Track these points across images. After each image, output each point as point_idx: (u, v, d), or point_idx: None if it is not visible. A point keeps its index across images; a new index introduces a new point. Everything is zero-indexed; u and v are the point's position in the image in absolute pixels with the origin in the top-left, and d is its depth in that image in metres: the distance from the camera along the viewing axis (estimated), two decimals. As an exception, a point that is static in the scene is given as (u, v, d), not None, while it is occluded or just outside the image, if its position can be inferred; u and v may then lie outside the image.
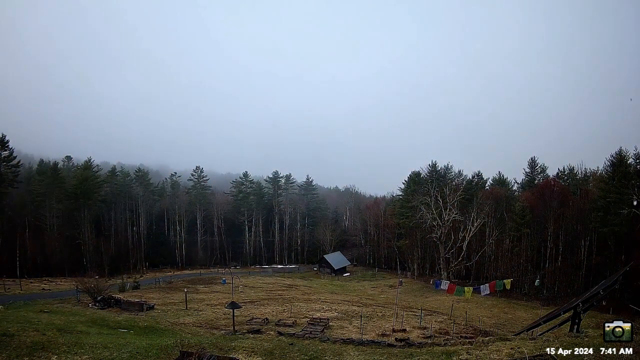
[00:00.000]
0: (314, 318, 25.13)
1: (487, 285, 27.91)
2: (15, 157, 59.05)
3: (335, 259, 71.01)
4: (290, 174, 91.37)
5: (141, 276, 53.50)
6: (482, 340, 13.28)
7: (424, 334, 22.49)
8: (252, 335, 16.50)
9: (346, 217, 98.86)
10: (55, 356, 12.19)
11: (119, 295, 31.77)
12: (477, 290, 28.01)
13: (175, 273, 60.27)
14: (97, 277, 31.63)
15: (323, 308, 31.18)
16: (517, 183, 72.69)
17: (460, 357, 11.43)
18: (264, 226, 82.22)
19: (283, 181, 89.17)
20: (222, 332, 19.58)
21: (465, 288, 27.76)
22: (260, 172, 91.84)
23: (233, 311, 20.56)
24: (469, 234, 58.27)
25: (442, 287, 28.49)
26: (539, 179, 66.57)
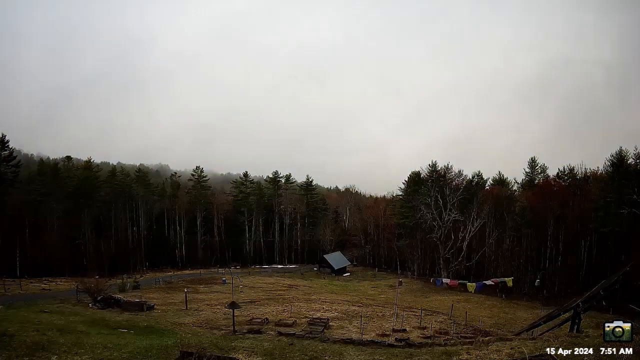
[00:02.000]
0: (314, 318, 25.13)
1: (489, 280, 27.94)
2: (15, 157, 59.05)
3: (335, 259, 70.98)
4: (290, 174, 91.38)
5: (141, 276, 53.45)
6: (482, 340, 13.27)
7: (424, 334, 22.50)
8: (252, 335, 16.50)
9: (346, 217, 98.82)
10: (55, 356, 12.19)
11: (119, 295, 31.76)
12: (479, 286, 27.98)
13: (175, 273, 60.24)
14: (97, 277, 31.70)
15: (323, 308, 31.18)
16: (517, 183, 72.72)
17: (460, 357, 11.42)
18: (264, 226, 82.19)
19: (283, 181, 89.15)
20: (222, 332, 19.58)
21: (469, 283, 27.79)
22: (260, 172, 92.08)
23: (233, 311, 20.55)
24: (469, 234, 58.31)
25: (443, 282, 28.45)
26: (539, 179, 66.57)
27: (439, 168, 72.29)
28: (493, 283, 27.46)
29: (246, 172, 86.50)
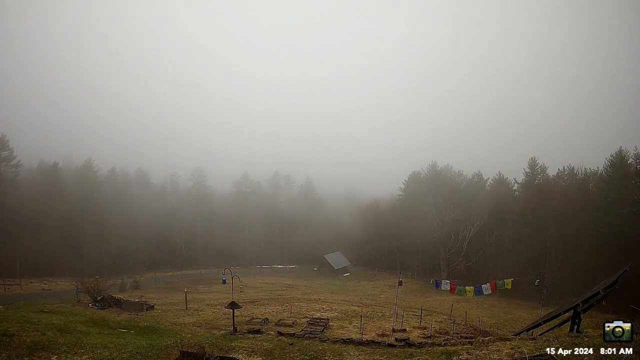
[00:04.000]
0: (314, 318, 25.16)
1: (488, 285, 27.74)
2: (15, 157, 59.14)
3: (335, 259, 71.03)
4: (290, 174, 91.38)
5: (141, 276, 53.53)
6: (482, 340, 13.27)
7: (423, 334, 22.53)
8: (252, 335, 16.49)
9: (346, 217, 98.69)
10: (55, 356, 12.22)
11: (119, 295, 31.85)
12: (478, 290, 27.83)
13: (175, 273, 60.32)
14: (97, 277, 31.66)
15: (323, 308, 31.22)
16: (517, 183, 72.65)
17: (460, 357, 11.43)
18: (264, 226, 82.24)
19: (283, 181, 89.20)
20: (222, 332, 19.59)
21: (467, 288, 27.63)
22: (260, 172, 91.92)
23: (233, 311, 20.55)
24: (469, 234, 58.33)
25: (442, 287, 28.33)
26: (539, 179, 66.51)
27: (439, 168, 72.40)
28: (491, 291, 27.21)
29: (246, 172, 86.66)
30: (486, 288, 27.69)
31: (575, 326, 14.23)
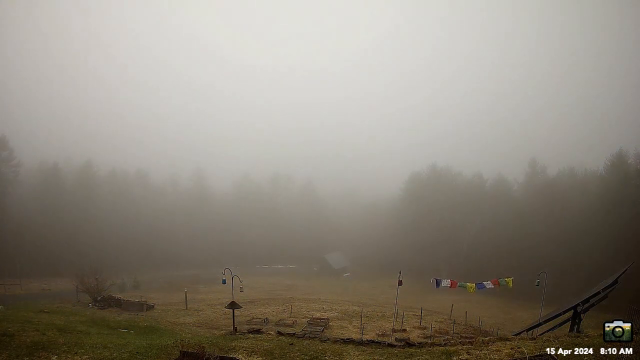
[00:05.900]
0: (314, 318, 25.18)
1: (489, 281, 27.69)
2: (15, 157, 59.14)
3: (335, 259, 71.01)
4: (290, 174, 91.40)
5: (141, 276, 53.52)
6: (482, 340, 13.27)
7: (424, 334, 22.55)
8: (252, 335, 16.47)
9: (346, 217, 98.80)
10: (55, 356, 12.21)
11: (119, 295, 31.90)
12: (480, 287, 27.74)
13: (176, 273, 60.34)
14: (97, 277, 31.68)
15: (323, 308, 31.24)
16: (518, 183, 72.61)
17: (460, 357, 11.42)
18: (264, 226, 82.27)
19: (283, 181, 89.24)
20: (222, 332, 19.62)
21: (468, 284, 27.51)
22: (260, 172, 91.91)
23: (233, 311, 20.56)
24: (469, 234, 58.35)
25: (443, 284, 28.22)
26: (540, 179, 66.48)
27: (439, 168, 72.41)
28: (493, 285, 27.20)
29: (246, 172, 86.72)
30: (487, 284, 27.62)
31: (575, 326, 14.24)
